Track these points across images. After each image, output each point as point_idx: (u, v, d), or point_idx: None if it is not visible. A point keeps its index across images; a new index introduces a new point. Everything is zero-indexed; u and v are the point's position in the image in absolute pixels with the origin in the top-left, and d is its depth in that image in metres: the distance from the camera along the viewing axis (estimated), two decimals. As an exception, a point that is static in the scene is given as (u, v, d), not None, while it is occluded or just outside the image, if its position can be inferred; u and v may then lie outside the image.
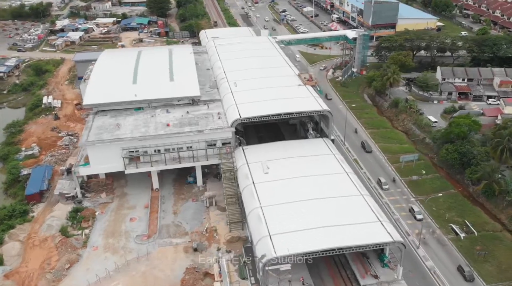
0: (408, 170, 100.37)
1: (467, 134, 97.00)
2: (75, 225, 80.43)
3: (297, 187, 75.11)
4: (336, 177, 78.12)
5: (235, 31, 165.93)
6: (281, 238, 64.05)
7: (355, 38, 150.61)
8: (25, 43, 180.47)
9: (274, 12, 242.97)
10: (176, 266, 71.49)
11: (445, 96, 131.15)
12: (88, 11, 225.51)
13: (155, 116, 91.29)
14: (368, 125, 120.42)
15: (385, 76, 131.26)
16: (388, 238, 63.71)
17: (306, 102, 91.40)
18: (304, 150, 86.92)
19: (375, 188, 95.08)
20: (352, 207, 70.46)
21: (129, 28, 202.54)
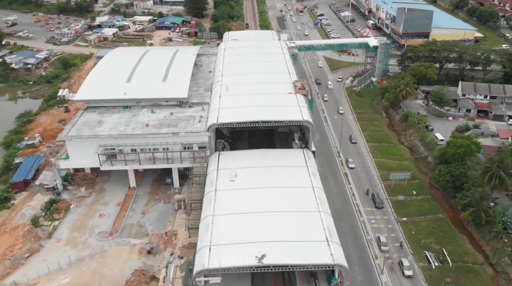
0: (398, 188, 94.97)
1: (463, 156, 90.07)
2: (47, 216, 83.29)
3: (258, 198, 72.96)
4: (300, 191, 75.11)
5: (257, 33, 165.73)
6: (220, 250, 62.52)
7: (377, 47, 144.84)
8: (62, 37, 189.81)
9: (311, 16, 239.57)
10: (126, 267, 72.12)
11: (462, 113, 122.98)
12: (128, 8, 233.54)
13: (137, 115, 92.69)
14: (371, 139, 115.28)
15: (398, 88, 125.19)
16: (328, 260, 60.35)
17: (288, 111, 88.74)
18: (280, 160, 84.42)
19: (356, 204, 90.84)
20: (305, 224, 67.39)
21: (162, 27, 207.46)
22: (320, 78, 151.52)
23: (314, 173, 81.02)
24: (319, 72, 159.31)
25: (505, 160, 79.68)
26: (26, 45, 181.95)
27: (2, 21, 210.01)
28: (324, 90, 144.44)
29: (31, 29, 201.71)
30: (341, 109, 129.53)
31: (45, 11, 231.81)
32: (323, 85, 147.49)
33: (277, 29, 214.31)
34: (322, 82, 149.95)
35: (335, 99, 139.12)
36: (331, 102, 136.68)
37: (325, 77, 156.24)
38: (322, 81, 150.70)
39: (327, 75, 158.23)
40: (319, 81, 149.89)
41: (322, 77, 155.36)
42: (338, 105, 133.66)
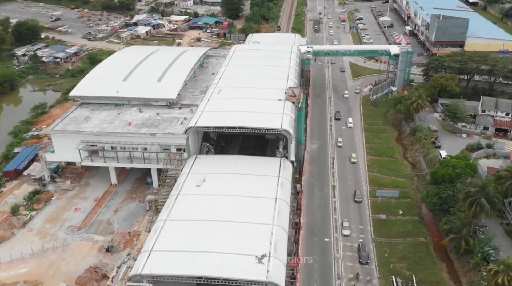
0: (384, 206, 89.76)
1: (455, 178, 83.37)
2: (28, 206, 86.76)
3: (216, 206, 72.08)
4: (261, 202, 73.15)
5: (280, 36, 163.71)
6: (158, 256, 62.11)
7: (398, 55, 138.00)
8: (98, 34, 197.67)
9: (349, 19, 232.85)
10: (83, 262, 73.51)
11: (479, 131, 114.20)
12: (166, 7, 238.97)
13: (123, 114, 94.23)
14: (372, 151, 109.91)
15: (409, 100, 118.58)
16: (261, 277, 58.15)
17: (268, 119, 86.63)
18: (253, 168, 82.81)
19: (335, 220, 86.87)
20: (253, 237, 65.53)
21: (195, 27, 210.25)
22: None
23: (284, 184, 78.75)
24: (339, 78, 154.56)
25: (488, 185, 72.73)
26: (63, 39, 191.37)
27: (48, 15, 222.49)
28: (339, 99, 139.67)
29: (73, 25, 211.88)
30: (350, 123, 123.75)
31: (90, 8, 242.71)
32: (340, 93, 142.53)
33: (310, 32, 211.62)
34: (339, 90, 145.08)
35: (348, 107, 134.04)
36: (343, 111, 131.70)
37: (345, 84, 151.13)
38: (339, 88, 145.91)
39: (347, 82, 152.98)
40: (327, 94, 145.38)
41: (341, 83, 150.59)
42: (349, 114, 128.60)
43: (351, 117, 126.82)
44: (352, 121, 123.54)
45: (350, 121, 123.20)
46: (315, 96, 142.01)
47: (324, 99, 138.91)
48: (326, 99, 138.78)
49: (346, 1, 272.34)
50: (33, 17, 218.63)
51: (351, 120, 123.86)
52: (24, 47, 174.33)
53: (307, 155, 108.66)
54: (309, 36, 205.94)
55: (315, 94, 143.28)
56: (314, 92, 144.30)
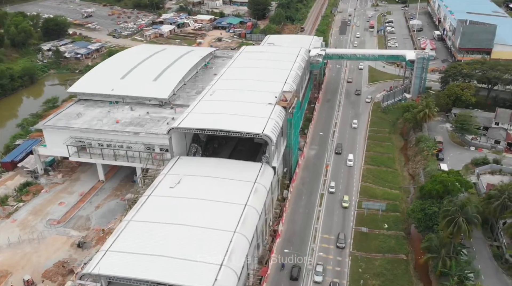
0: (369, 219, 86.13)
1: (442, 194, 78.51)
2: (17, 197, 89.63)
3: (184, 209, 71.41)
4: (230, 207, 71.74)
5: (297, 38, 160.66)
6: (113, 256, 62.08)
7: (414, 61, 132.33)
8: (123, 31, 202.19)
9: (379, 22, 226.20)
10: (54, 256, 74.96)
11: (489, 144, 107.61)
12: (194, 7, 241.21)
13: (114, 112, 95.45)
14: (371, 160, 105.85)
15: (416, 109, 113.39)
16: (207, 285, 56.88)
17: (251, 123, 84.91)
18: (232, 172, 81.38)
19: (316, 229, 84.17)
20: (213, 243, 64.29)
21: (219, 27, 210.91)
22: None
23: (258, 190, 77.05)
24: (354, 83, 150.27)
25: (467, 204, 67.92)
26: (89, 36, 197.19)
27: (81, 12, 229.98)
28: (349, 104, 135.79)
29: (102, 22, 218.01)
30: (355, 123, 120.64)
31: (123, 5, 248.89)
32: (351, 99, 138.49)
33: (335, 34, 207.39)
34: (352, 95, 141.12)
35: (356, 113, 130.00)
36: (350, 117, 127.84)
37: (359, 89, 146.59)
38: (352, 94, 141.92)
39: (362, 86, 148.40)
40: None
41: (356, 88, 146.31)
42: (355, 120, 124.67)
43: (357, 119, 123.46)
44: (356, 122, 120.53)
45: (355, 122, 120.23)
46: (325, 100, 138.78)
47: (334, 104, 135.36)
48: (335, 104, 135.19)
49: (379, 3, 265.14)
50: (67, 13, 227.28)
51: (355, 122, 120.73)
52: (50, 42, 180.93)
53: (302, 161, 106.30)
54: (334, 38, 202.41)
55: (326, 98, 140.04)
56: (325, 97, 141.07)
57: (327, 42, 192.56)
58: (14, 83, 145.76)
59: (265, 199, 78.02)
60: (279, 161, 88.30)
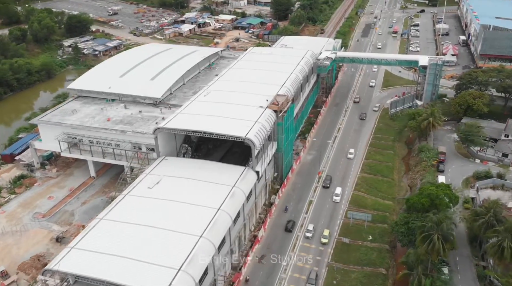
0: (355, 229, 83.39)
1: (428, 208, 74.89)
2: (10, 189, 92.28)
3: (156, 210, 71.05)
4: (202, 211, 70.87)
5: (310, 40, 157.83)
6: (77, 254, 62.56)
7: (426, 66, 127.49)
8: (145, 29, 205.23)
9: (405, 25, 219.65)
10: (33, 249, 76.54)
11: (496, 157, 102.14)
12: (218, 7, 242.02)
13: (107, 109, 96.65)
14: (367, 168, 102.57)
15: (420, 117, 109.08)
16: (162, 291, 56.49)
17: (238, 126, 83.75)
18: (214, 175, 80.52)
19: (296, 237, 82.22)
20: (174, 246, 63.74)
21: (239, 27, 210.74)
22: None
23: (236, 194, 75.96)
24: (367, 88, 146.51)
25: (443, 221, 64.31)
26: (111, 33, 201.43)
27: (107, 9, 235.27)
28: (357, 109, 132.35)
29: (126, 20, 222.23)
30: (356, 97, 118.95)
31: (149, 4, 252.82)
32: (360, 105, 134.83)
33: (357, 37, 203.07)
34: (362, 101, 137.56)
35: (357, 121, 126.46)
36: (356, 122, 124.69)
37: (370, 94, 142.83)
38: (362, 99, 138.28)
39: (374, 92, 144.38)
40: None
41: (367, 93, 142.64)
42: (361, 127, 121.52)
43: (362, 126, 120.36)
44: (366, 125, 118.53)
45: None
46: (333, 104, 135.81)
47: (341, 109, 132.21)
48: (342, 109, 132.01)
49: (408, 5, 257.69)
50: (94, 10, 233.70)
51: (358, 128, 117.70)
52: (72, 39, 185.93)
53: (298, 166, 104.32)
54: (355, 41, 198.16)
55: (334, 102, 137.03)
56: (334, 101, 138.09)
57: (346, 44, 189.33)
58: (31, 78, 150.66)
59: (242, 204, 76.86)
60: (264, 166, 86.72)
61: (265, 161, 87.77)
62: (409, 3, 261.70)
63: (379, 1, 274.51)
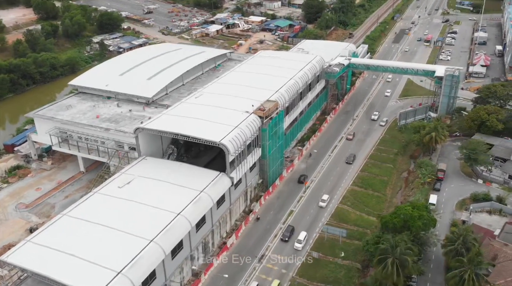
0: (329, 244, 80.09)
1: (400, 229, 70.35)
2: (4, 178, 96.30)
3: (119, 211, 71.37)
4: (161, 214, 70.27)
5: (329, 44, 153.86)
6: (29, 248, 63.97)
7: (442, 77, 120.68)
8: (174, 29, 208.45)
9: (442, 32, 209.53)
10: (7, 238, 79.30)
11: (502, 179, 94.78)
12: (250, 8, 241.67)
13: (98, 106, 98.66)
14: (359, 181, 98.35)
15: (424, 131, 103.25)
16: (93, 291, 56.58)
17: (216, 130, 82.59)
18: (186, 178, 79.83)
19: (267, 248, 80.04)
20: (122, 249, 63.55)
21: (266, 29, 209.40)
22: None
23: (201, 200, 75.10)
24: (382, 97, 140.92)
25: (399, 244, 59.90)
26: (141, 31, 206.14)
27: (143, 8, 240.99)
28: (367, 118, 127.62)
29: (159, 18, 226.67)
30: (350, 134, 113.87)
31: (185, 3, 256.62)
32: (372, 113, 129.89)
33: (388, 43, 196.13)
34: (374, 109, 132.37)
35: (369, 129, 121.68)
36: (360, 131, 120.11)
37: (385, 103, 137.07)
38: (375, 108, 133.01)
39: (389, 102, 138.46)
40: None
41: (381, 102, 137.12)
42: (366, 137, 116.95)
43: (367, 136, 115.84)
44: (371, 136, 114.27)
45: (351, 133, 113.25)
46: (343, 112, 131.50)
47: (350, 117, 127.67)
48: (350, 117, 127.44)
49: (450, 12, 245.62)
50: (131, 8, 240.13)
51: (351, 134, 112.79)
52: (102, 35, 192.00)
53: (289, 173, 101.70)
54: (384, 47, 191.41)
55: (345, 110, 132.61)
56: (344, 108, 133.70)
57: (374, 50, 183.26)
58: (54, 72, 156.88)
59: (209, 209, 75.86)
60: (242, 172, 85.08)
61: (244, 167, 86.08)
62: (451, 9, 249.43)
63: (420, 6, 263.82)
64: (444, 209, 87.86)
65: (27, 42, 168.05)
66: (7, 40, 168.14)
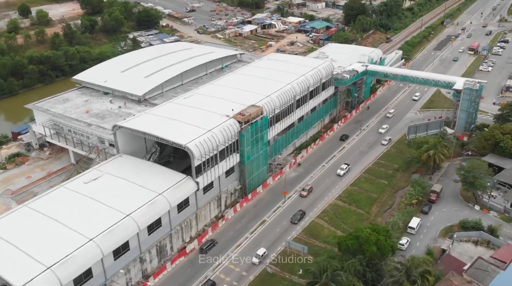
0: (290, 261, 76.07)
1: (355, 252, 65.38)
2: (2, 165, 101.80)
3: (75, 207, 72.19)
4: (112, 214, 70.39)
5: (355, 49, 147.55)
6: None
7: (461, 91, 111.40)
8: (210, 28, 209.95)
9: (493, 41, 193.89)
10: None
11: (503, 207, 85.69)
12: (291, 8, 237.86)
13: (91, 101, 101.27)
14: (346, 196, 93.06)
15: (422, 148, 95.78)
16: (18, 283, 57.73)
17: (187, 133, 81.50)
18: (152, 180, 79.39)
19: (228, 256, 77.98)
20: (63, 245, 64.06)
21: (302, 30, 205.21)
22: None
23: (157, 202, 74.57)
24: (402, 107, 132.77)
25: (327, 269, 55.28)
26: (178, 29, 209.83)
27: (185, 6, 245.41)
28: (375, 129, 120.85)
29: (200, 17, 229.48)
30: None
31: (229, 3, 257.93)
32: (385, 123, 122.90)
33: (428, 49, 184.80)
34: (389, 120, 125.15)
35: (375, 140, 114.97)
36: (365, 144, 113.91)
37: (403, 115, 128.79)
38: (391, 119, 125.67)
39: (408, 113, 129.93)
40: None
41: (400, 113, 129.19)
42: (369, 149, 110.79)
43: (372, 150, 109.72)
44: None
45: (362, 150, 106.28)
46: (353, 121, 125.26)
47: (358, 126, 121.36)
48: (359, 128, 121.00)
49: (508, 19, 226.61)
50: (176, 6, 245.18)
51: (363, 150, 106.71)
52: (139, 32, 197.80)
53: (275, 182, 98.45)
54: (423, 53, 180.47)
55: (357, 119, 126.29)
56: (357, 117, 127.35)
57: (411, 57, 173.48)
58: (84, 65, 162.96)
59: (166, 212, 75.21)
60: (212, 177, 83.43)
61: (217, 171, 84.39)
62: (511, 16, 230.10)
63: (477, 11, 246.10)
64: (426, 234, 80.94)
65: (65, 36, 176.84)
66: (46, 33, 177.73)
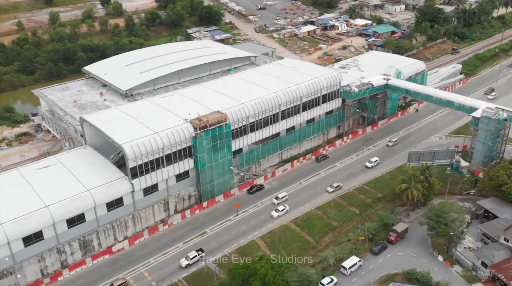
0: (206, 278, 72.72)
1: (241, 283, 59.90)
2: (9, 142, 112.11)
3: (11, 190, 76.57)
4: (35, 203, 73.29)
5: (397, 60, 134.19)
6: None
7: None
8: (269, 27, 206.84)
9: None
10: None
11: (471, 263, 71.94)
12: (361, 9, 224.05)
13: (83, 92, 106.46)
14: (300, 220, 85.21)
15: (396, 179, 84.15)
16: None
17: (130, 132, 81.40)
18: (92, 175, 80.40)
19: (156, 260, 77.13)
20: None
21: (363, 34, 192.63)
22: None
23: (81, 198, 76.43)
24: (427, 130, 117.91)
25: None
26: (238, 27, 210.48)
27: (260, 3, 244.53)
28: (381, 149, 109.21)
29: (268, 15, 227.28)
30: None
31: (304, 1, 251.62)
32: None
33: (504, 66, 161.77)
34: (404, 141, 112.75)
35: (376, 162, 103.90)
36: (360, 165, 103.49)
37: (423, 138, 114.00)
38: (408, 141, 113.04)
39: (431, 137, 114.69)
40: None
41: (420, 136, 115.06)
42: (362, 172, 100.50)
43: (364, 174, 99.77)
44: None
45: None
46: (362, 139, 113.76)
47: (361, 147, 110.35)
48: (362, 148, 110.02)
49: None
50: (249, 3, 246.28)
51: None
52: (198, 27, 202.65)
53: (241, 193, 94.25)
54: (492, 70, 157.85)
55: (367, 137, 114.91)
56: (368, 135, 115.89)
57: (474, 72, 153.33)
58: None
59: (91, 209, 76.37)
60: (153, 179, 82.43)
61: (161, 174, 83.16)
62: None
63: None
64: (361, 278, 71.35)
65: (126, 27, 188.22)
66: (110, 23, 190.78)
